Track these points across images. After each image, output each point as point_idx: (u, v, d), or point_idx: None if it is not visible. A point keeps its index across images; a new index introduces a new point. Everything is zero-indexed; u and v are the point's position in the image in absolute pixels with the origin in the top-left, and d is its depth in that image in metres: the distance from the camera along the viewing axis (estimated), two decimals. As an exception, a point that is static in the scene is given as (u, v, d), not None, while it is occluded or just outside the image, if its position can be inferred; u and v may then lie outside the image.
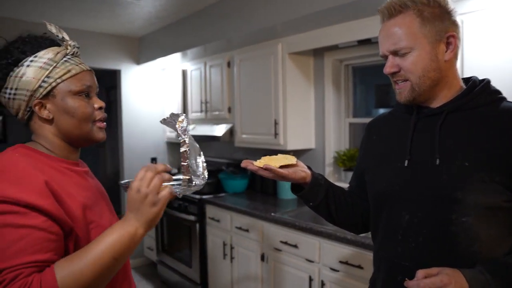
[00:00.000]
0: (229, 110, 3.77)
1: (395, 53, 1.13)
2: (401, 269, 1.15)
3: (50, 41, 1.06)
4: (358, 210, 1.40)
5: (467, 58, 2.01)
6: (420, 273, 0.99)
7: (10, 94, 1.01)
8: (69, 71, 1.04)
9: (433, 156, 1.11)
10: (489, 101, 1.12)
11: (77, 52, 1.09)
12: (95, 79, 1.13)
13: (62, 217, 0.92)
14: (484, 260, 1.04)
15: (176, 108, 4.54)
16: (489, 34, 1.94)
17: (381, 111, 3.19)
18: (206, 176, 1.14)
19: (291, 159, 1.29)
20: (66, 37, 1.08)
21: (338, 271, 2.35)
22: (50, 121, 1.04)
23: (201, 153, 1.18)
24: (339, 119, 3.29)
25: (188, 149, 1.06)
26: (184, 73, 4.44)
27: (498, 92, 1.15)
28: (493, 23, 1.93)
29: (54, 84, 1.01)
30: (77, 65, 1.06)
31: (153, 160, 4.82)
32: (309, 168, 1.33)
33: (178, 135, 1.06)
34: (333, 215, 1.37)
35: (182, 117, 1.09)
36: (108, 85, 5.97)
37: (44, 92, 1.01)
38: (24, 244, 0.85)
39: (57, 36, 1.07)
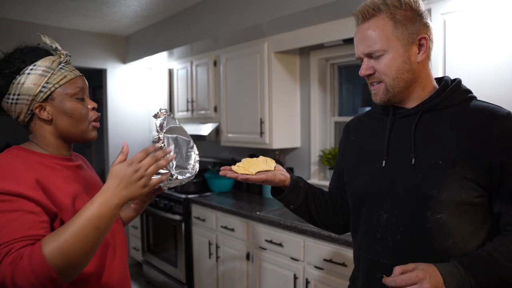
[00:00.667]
0: (215, 109, 3.76)
1: (369, 55, 1.16)
2: (381, 267, 1.18)
3: (45, 51, 1.19)
4: (340, 211, 1.43)
5: (449, 58, 2.03)
6: (397, 269, 1.02)
7: (12, 99, 1.14)
8: (65, 76, 1.17)
9: (408, 156, 1.14)
10: (460, 101, 1.15)
11: (69, 60, 1.22)
12: (86, 82, 1.26)
13: (48, 206, 1.04)
14: (458, 254, 1.08)
15: (162, 106, 4.51)
16: (471, 33, 1.96)
17: (367, 109, 3.22)
18: (197, 169, 1.29)
19: (270, 164, 1.32)
20: (59, 47, 1.21)
21: (322, 269, 2.36)
22: (49, 122, 1.17)
23: (194, 145, 1.33)
24: (325, 117, 3.30)
25: (164, 145, 1.16)
26: (170, 72, 4.42)
27: (468, 92, 1.18)
28: (474, 22, 1.94)
29: (52, 88, 1.14)
30: (71, 72, 1.19)
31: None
32: (288, 171, 1.36)
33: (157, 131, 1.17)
34: (314, 217, 1.39)
35: (159, 113, 1.21)
36: (95, 84, 5.92)
37: (44, 96, 1.14)
38: (16, 224, 0.96)
39: (51, 46, 1.20)
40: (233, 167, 1.29)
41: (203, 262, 3.39)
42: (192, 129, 3.92)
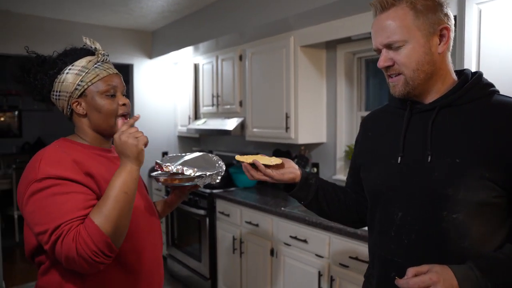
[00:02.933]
0: (241, 104, 3.74)
1: (388, 46, 1.12)
2: (395, 265, 1.15)
3: (86, 51, 1.33)
4: (353, 206, 1.41)
5: (484, 48, 1.95)
6: (410, 271, 0.99)
7: (56, 95, 1.30)
8: (98, 75, 1.29)
9: (425, 153, 1.11)
10: (481, 95, 1.10)
11: (106, 59, 1.34)
12: (121, 80, 1.36)
13: (93, 187, 1.20)
14: (475, 256, 1.03)
15: (188, 101, 4.53)
16: (508, 23, 1.88)
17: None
18: (223, 166, 1.52)
19: (275, 160, 1.35)
20: (98, 47, 1.33)
21: (348, 266, 2.31)
22: (84, 116, 1.31)
23: (209, 153, 1.60)
24: (351, 112, 3.23)
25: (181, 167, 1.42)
26: (196, 67, 4.43)
27: (490, 85, 1.13)
28: (510, 12, 1.86)
29: (86, 86, 1.27)
30: (104, 70, 1.31)
31: (165, 154, 4.83)
32: (300, 168, 1.38)
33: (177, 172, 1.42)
34: (326, 212, 1.41)
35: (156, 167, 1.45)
36: (121, 79, 6.01)
37: (79, 93, 1.28)
38: (71, 205, 1.12)
39: (91, 47, 1.33)
40: (239, 157, 1.38)
41: (227, 257, 3.38)
42: (217, 123, 3.92)
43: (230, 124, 3.73)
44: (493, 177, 1.01)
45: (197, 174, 1.39)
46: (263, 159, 1.34)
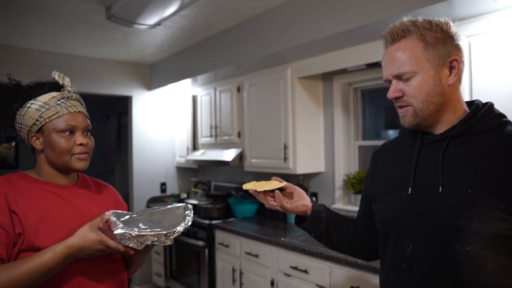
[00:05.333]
0: (239, 134, 3.78)
1: (398, 77, 1.13)
2: None
3: (54, 86, 1.32)
4: (364, 239, 1.39)
5: (475, 80, 2.01)
6: None
7: (18, 127, 1.31)
8: (57, 112, 1.28)
9: (436, 184, 1.09)
10: (493, 126, 1.10)
11: (72, 96, 1.33)
12: (85, 119, 1.35)
13: (12, 223, 1.17)
14: None
15: (186, 132, 4.57)
16: (497, 55, 1.94)
17: (391, 132, 3.18)
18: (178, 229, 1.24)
19: (276, 184, 1.34)
20: (67, 83, 1.33)
21: (349, 297, 2.30)
22: (41, 151, 1.31)
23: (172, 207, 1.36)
24: (349, 142, 3.28)
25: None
26: (194, 99, 4.49)
27: (502, 116, 1.13)
28: (500, 45, 1.93)
29: (43, 122, 1.27)
30: (66, 108, 1.30)
31: (163, 185, 4.83)
32: (311, 200, 1.36)
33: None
34: (337, 245, 1.38)
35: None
36: (120, 110, 6.06)
37: (37, 128, 1.28)
38: None
39: (59, 82, 1.33)
40: (245, 186, 1.36)
41: (227, 289, 3.34)
42: (216, 154, 3.94)
43: (229, 155, 3.76)
44: (508, 209, 0.99)
45: (128, 243, 1.18)
46: (266, 185, 1.34)
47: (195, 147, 4.52)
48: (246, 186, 1.36)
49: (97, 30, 3.41)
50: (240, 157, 3.71)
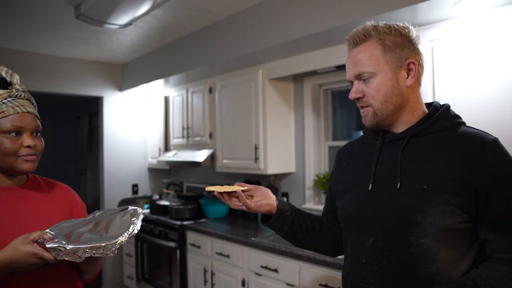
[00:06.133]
0: (211, 135, 3.79)
1: (359, 77, 1.19)
2: None
3: (0, 83, 1.23)
4: (329, 236, 1.44)
5: (438, 83, 2.08)
6: None
7: None
8: (2, 112, 1.20)
9: (394, 180, 1.15)
10: (448, 126, 1.16)
11: (21, 95, 1.24)
12: (34, 119, 1.27)
13: None
14: (443, 281, 1.06)
15: (158, 133, 4.54)
16: (458, 59, 2.01)
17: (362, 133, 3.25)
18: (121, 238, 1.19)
19: (237, 188, 1.36)
20: (16, 81, 1.24)
21: (318, 294, 2.34)
22: None
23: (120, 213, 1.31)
24: (319, 142, 3.33)
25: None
26: (166, 99, 4.47)
27: (457, 117, 1.19)
28: (461, 49, 2.01)
29: None
30: (13, 108, 1.21)
31: (135, 186, 4.78)
32: (277, 199, 1.41)
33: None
34: (302, 242, 1.43)
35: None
36: (92, 111, 5.97)
37: None
38: None
39: (6, 79, 1.24)
40: (208, 188, 1.38)
41: (198, 290, 3.34)
42: (188, 155, 3.94)
43: (201, 155, 3.76)
44: (459, 203, 1.05)
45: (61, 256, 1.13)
46: (227, 188, 1.36)
47: (167, 148, 4.50)
48: (209, 188, 1.38)
49: (67, 29, 3.36)
50: (212, 158, 3.72)
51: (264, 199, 1.38)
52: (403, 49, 1.16)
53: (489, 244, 1.08)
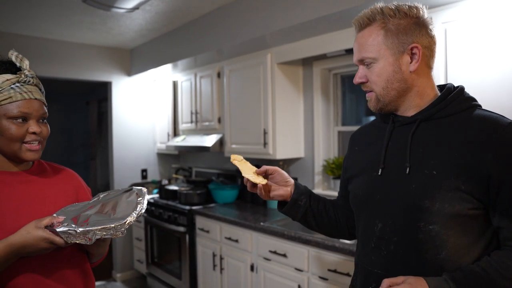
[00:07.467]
0: (219, 120, 3.77)
1: (362, 62, 1.18)
2: (375, 276, 1.17)
3: (9, 67, 1.23)
4: (343, 221, 1.45)
5: (450, 66, 2.03)
6: (385, 282, 1.02)
7: None
8: (10, 97, 1.19)
9: (403, 165, 1.13)
10: (462, 109, 1.12)
11: (29, 81, 1.23)
12: (42, 106, 1.27)
13: None
14: (452, 268, 1.05)
15: (167, 118, 4.54)
16: (472, 42, 1.96)
17: (372, 118, 3.21)
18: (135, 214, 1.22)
19: (260, 181, 1.35)
20: (25, 66, 1.23)
21: (327, 279, 2.34)
22: None
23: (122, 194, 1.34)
24: (328, 127, 3.30)
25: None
26: (174, 84, 4.46)
27: (471, 99, 1.15)
28: (476, 31, 1.95)
29: None
30: (20, 94, 1.21)
31: (144, 171, 4.80)
32: (296, 184, 1.40)
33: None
34: (315, 228, 1.46)
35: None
36: (100, 97, 5.97)
37: None
38: None
39: (16, 64, 1.23)
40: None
41: (208, 274, 3.37)
42: (196, 140, 3.93)
43: (209, 140, 3.75)
44: (470, 189, 1.02)
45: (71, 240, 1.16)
46: (250, 173, 1.36)
47: (175, 133, 4.49)
48: (234, 157, 1.41)
49: (74, 14, 3.34)
50: (221, 142, 3.71)
51: (278, 190, 1.39)
52: (407, 33, 1.12)
53: (502, 231, 1.05)
